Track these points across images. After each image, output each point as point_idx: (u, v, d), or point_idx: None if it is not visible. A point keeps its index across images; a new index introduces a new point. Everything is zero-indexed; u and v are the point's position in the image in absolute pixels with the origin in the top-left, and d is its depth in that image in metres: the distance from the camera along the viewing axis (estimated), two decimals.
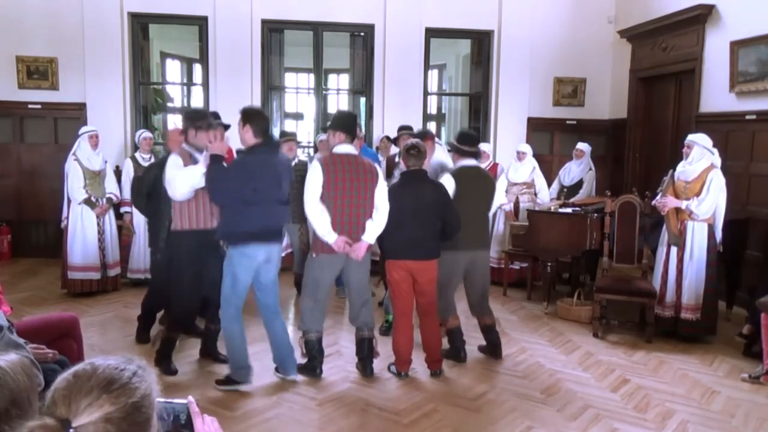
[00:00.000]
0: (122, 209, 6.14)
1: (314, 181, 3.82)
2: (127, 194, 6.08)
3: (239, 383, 3.83)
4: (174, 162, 3.92)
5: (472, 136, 4.61)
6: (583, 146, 6.95)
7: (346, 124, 4.02)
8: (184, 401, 1.33)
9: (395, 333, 4.15)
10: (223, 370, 4.04)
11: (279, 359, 4.02)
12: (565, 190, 6.84)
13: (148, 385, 1.14)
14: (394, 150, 6.42)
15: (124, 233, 6.21)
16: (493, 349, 4.51)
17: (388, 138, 6.80)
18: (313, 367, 4.05)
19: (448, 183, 4.23)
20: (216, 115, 5.62)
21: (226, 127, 5.48)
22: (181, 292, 4.03)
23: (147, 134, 6.40)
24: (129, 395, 1.09)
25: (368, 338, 4.10)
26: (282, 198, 3.86)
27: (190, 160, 3.95)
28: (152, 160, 6.02)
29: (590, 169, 6.93)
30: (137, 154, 6.29)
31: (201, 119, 4.11)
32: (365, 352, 4.11)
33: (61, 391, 1.08)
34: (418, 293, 4.09)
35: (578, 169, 6.91)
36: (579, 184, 6.86)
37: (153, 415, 1.15)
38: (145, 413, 1.11)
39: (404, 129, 6.19)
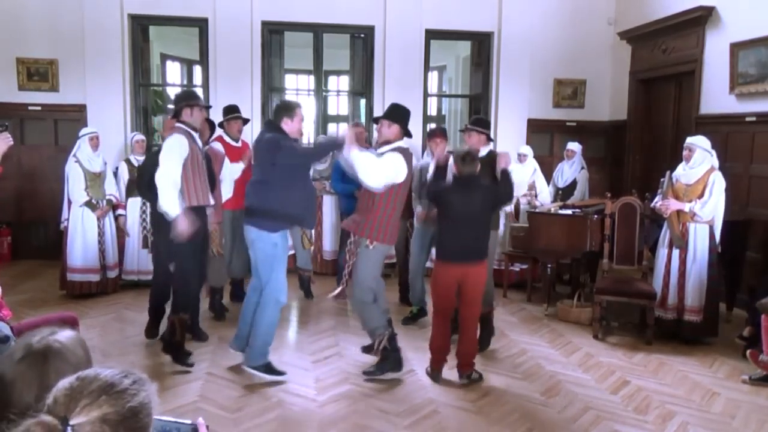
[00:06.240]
0: (117, 212, 6.12)
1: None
2: (123, 197, 6.14)
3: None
4: (177, 143, 3.95)
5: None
6: (573, 146, 6.95)
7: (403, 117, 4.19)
8: (188, 422, 1.32)
9: (433, 330, 4.14)
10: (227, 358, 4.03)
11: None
12: (560, 192, 6.84)
13: (147, 395, 1.16)
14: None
15: (119, 235, 6.20)
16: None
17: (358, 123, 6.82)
18: (399, 359, 4.08)
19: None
20: (235, 108, 5.59)
21: (245, 121, 5.52)
22: (185, 270, 4.06)
23: (139, 137, 6.42)
24: (128, 399, 1.12)
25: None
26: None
27: (190, 137, 4.05)
28: None
29: (582, 167, 6.93)
30: (131, 156, 6.29)
31: (193, 98, 4.20)
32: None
33: (63, 390, 1.11)
34: (464, 302, 4.01)
35: (570, 169, 6.91)
36: (573, 185, 6.87)
37: (150, 428, 1.17)
38: (142, 420, 1.14)
39: None
